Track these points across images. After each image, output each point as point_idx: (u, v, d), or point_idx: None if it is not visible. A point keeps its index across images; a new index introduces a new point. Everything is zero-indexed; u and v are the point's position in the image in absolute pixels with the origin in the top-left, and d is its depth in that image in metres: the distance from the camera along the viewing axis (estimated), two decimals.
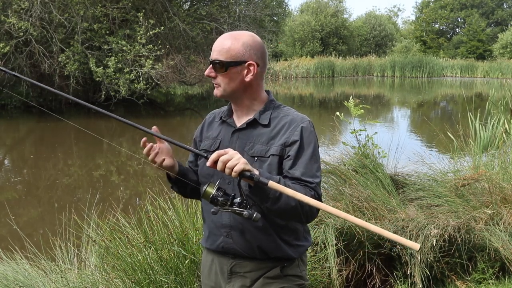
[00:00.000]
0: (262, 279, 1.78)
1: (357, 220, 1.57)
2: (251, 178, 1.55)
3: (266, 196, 1.61)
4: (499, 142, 6.35)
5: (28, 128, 13.76)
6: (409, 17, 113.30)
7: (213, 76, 1.78)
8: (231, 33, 1.78)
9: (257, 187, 1.59)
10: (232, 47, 1.73)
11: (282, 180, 1.63)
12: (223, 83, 1.76)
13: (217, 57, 1.74)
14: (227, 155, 1.56)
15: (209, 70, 1.77)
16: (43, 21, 13.63)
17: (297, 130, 1.74)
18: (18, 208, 6.53)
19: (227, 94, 1.78)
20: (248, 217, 1.57)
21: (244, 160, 1.56)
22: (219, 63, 1.73)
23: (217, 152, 1.58)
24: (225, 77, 1.75)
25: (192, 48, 17.03)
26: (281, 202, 1.61)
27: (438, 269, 3.42)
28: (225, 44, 1.74)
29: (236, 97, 1.80)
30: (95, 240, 3.30)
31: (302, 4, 50.19)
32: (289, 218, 1.71)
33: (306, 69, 34.80)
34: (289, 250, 1.78)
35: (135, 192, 6.99)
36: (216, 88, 1.79)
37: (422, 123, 14.92)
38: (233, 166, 1.54)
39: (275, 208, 1.63)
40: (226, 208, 1.61)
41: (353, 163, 4.33)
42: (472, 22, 47.96)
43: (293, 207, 1.62)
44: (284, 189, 1.57)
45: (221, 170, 1.57)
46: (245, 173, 1.55)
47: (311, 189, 1.68)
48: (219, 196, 1.61)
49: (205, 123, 1.96)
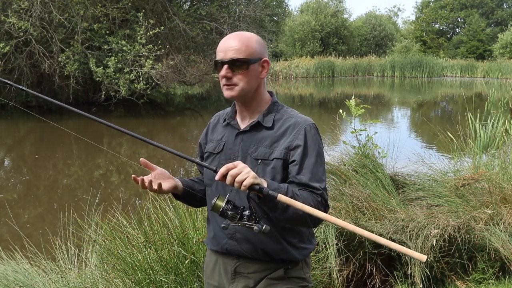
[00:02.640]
0: (266, 280, 1.78)
1: (365, 232, 1.55)
2: (260, 191, 1.55)
3: (274, 207, 1.61)
4: (499, 142, 6.35)
5: (28, 128, 13.76)
6: (409, 17, 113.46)
7: (230, 77, 1.72)
8: (237, 33, 1.77)
9: (265, 199, 1.58)
10: (249, 44, 1.72)
11: (290, 190, 1.63)
12: (242, 82, 1.72)
13: (236, 56, 1.70)
14: (236, 169, 1.55)
15: (226, 71, 1.71)
16: (43, 21, 13.63)
17: (301, 133, 1.73)
18: (18, 208, 6.53)
19: (244, 93, 1.74)
20: (258, 232, 1.58)
21: (253, 174, 1.55)
22: (240, 61, 1.70)
23: (225, 166, 1.56)
24: (245, 75, 1.72)
25: (192, 48, 17.04)
26: (290, 212, 1.61)
27: (438, 269, 3.42)
28: (242, 42, 1.71)
29: (248, 97, 1.78)
30: (95, 240, 3.30)
31: (302, 4, 50.25)
32: (296, 224, 1.73)
33: (306, 69, 34.80)
34: (293, 252, 1.78)
35: (135, 192, 6.99)
36: (230, 89, 1.73)
37: (422, 123, 14.92)
38: (242, 180, 1.53)
39: (283, 218, 1.64)
40: (236, 222, 1.61)
41: (353, 163, 4.33)
42: (472, 22, 47.96)
43: (301, 215, 1.61)
44: (293, 202, 1.56)
45: (230, 183, 1.55)
46: (255, 187, 1.55)
47: (318, 195, 1.69)
48: (228, 210, 1.61)
49: (210, 125, 1.95)
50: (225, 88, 1.74)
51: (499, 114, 7.52)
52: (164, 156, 9.50)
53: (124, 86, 13.75)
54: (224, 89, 1.75)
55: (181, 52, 16.22)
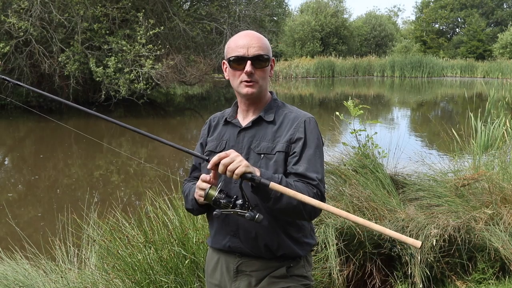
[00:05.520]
0: (268, 278, 1.79)
1: (358, 219, 1.56)
2: (253, 180, 1.56)
3: (267, 196, 1.61)
4: (499, 142, 6.34)
5: (28, 128, 13.76)
6: (409, 17, 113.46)
7: (253, 73, 1.74)
8: (251, 32, 1.80)
9: (258, 188, 1.59)
10: (265, 42, 1.77)
11: (284, 180, 1.64)
12: (261, 79, 1.77)
13: (260, 52, 1.73)
14: (228, 158, 1.56)
15: (251, 67, 1.73)
16: (43, 21, 13.63)
17: (301, 126, 1.76)
18: (18, 208, 6.53)
19: (261, 90, 1.79)
20: (250, 219, 1.58)
21: (245, 163, 1.56)
22: (263, 58, 1.74)
23: (218, 155, 1.58)
24: (264, 72, 1.77)
25: (192, 48, 17.04)
26: (283, 201, 1.62)
27: (438, 269, 3.42)
28: (260, 40, 1.76)
29: (261, 95, 1.82)
30: (95, 240, 3.30)
31: (302, 4, 50.30)
32: (291, 216, 1.73)
33: (306, 69, 34.79)
34: (295, 247, 1.79)
35: (135, 192, 6.99)
36: (251, 86, 1.76)
37: (422, 123, 14.92)
38: (234, 169, 1.55)
39: (276, 207, 1.65)
40: (228, 210, 1.61)
41: (353, 163, 4.33)
42: (472, 22, 47.94)
43: (294, 206, 1.63)
44: (286, 190, 1.57)
45: (223, 172, 1.57)
46: (247, 175, 1.56)
47: (314, 186, 1.69)
48: (221, 199, 1.62)
49: (211, 126, 1.95)
50: (245, 85, 1.76)
51: (501, 114, 7.51)
52: (164, 156, 9.50)
53: (124, 86, 13.75)
54: (243, 85, 1.76)
55: (181, 52, 16.23)
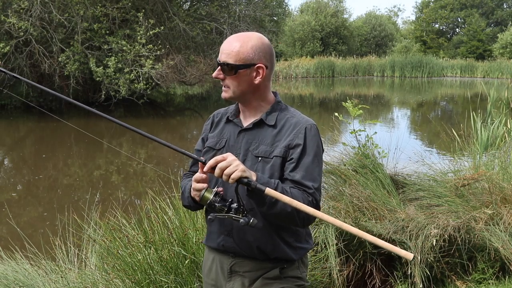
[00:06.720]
0: (261, 279, 1.78)
1: (352, 228, 1.56)
2: (249, 185, 1.56)
3: (262, 201, 1.61)
4: (500, 142, 6.34)
5: (28, 128, 13.76)
6: (409, 17, 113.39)
7: (222, 78, 1.77)
8: (239, 34, 1.77)
9: (254, 192, 1.59)
10: (241, 50, 1.72)
11: (280, 186, 1.63)
12: (232, 86, 1.76)
13: (226, 60, 1.72)
14: (225, 161, 1.56)
15: (218, 72, 1.76)
16: (43, 21, 13.63)
17: (301, 133, 1.74)
18: (18, 208, 6.53)
19: (236, 96, 1.78)
20: (244, 225, 1.59)
21: (242, 167, 1.56)
22: (228, 66, 1.72)
23: (214, 158, 1.57)
24: (234, 79, 1.74)
25: (192, 48, 17.03)
26: (277, 207, 1.62)
27: (438, 269, 3.42)
28: (234, 47, 1.72)
29: (245, 99, 1.81)
30: (95, 240, 3.30)
31: (302, 4, 50.26)
32: (285, 221, 1.72)
33: (306, 69, 34.78)
34: (289, 251, 1.78)
35: (135, 192, 6.99)
36: (225, 91, 1.78)
37: (422, 123, 14.93)
38: (231, 173, 1.54)
39: (271, 213, 1.65)
40: (223, 215, 1.61)
41: (353, 163, 4.32)
42: (472, 22, 47.92)
43: (289, 212, 1.62)
44: (281, 196, 1.57)
45: (219, 176, 1.57)
46: (243, 180, 1.55)
47: (309, 194, 1.68)
48: (216, 202, 1.62)
49: (213, 122, 1.95)
50: (222, 89, 1.80)
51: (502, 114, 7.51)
52: (164, 156, 9.50)
53: (124, 86, 13.75)
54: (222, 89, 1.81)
55: (181, 52, 16.22)
